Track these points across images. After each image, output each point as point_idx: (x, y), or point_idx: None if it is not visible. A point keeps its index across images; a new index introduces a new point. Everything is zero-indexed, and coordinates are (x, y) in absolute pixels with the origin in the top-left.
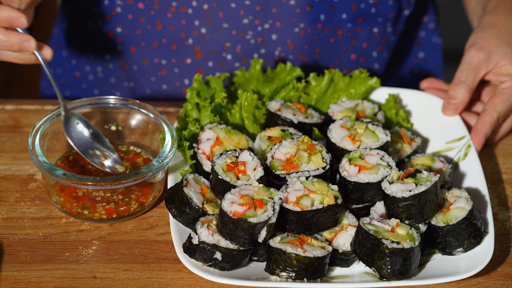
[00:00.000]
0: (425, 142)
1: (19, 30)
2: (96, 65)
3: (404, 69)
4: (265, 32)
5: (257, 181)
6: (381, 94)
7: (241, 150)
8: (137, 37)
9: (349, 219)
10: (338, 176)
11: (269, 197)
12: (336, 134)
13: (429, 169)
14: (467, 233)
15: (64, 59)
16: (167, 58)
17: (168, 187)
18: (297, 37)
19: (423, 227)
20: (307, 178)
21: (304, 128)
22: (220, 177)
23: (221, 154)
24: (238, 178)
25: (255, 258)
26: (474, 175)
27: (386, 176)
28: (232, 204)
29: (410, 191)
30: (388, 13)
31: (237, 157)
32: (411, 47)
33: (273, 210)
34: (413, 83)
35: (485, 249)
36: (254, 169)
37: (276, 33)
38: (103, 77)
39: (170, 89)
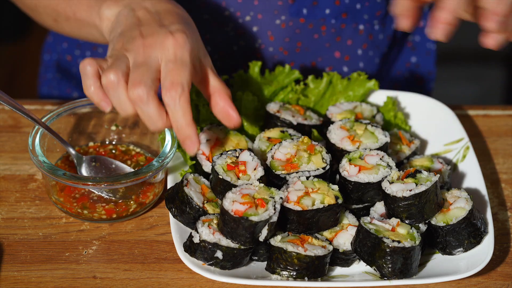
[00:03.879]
0: (423, 144)
1: None
2: (85, 50)
3: (395, 73)
4: (246, 24)
5: (257, 180)
6: (379, 96)
7: (241, 150)
8: None
9: (349, 219)
10: (338, 176)
11: (270, 197)
12: (336, 135)
13: (428, 170)
14: (467, 233)
15: (55, 43)
16: None
17: (168, 187)
18: (278, 29)
19: (423, 227)
20: (307, 178)
21: (303, 130)
22: (220, 176)
23: (221, 154)
24: (238, 178)
25: (256, 257)
26: (473, 176)
27: (386, 176)
28: (233, 203)
29: (410, 190)
30: (376, 11)
31: (237, 157)
32: (404, 51)
33: (274, 209)
34: (403, 88)
35: (485, 249)
36: (255, 169)
37: (257, 25)
38: None
39: None
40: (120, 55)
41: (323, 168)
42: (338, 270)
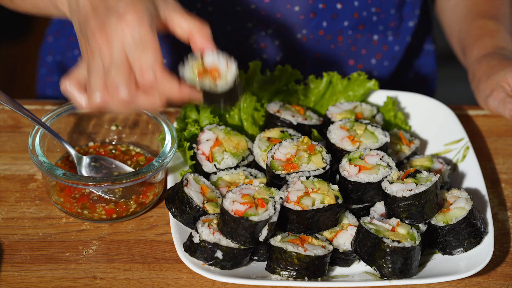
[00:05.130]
0: (423, 144)
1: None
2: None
3: (401, 76)
4: (268, 37)
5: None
6: (380, 96)
7: (203, 51)
8: None
9: (349, 219)
10: (338, 176)
11: (270, 197)
12: (336, 135)
13: (428, 170)
14: (467, 232)
15: (66, 47)
16: (167, 56)
17: (168, 187)
18: (299, 42)
19: (423, 227)
20: (307, 178)
21: (303, 130)
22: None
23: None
24: (215, 81)
25: (256, 257)
26: (473, 176)
27: (386, 176)
28: (233, 203)
29: (410, 190)
30: (390, 22)
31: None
32: (405, 54)
33: (274, 209)
34: (407, 88)
35: (485, 249)
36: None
37: (278, 39)
38: None
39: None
40: (91, 64)
41: (323, 168)
42: (338, 270)
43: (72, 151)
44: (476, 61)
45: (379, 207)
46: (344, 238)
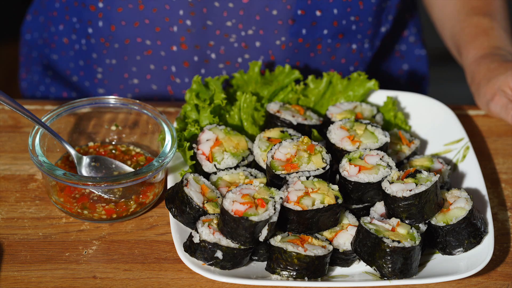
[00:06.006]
0: (423, 144)
1: None
2: (80, 37)
3: (389, 80)
4: (248, 38)
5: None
6: (380, 96)
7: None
8: (118, 15)
9: (349, 219)
10: (338, 176)
11: (270, 197)
12: (336, 135)
13: (428, 170)
14: (467, 232)
15: (48, 22)
16: (151, 39)
17: (168, 187)
18: (279, 50)
19: (423, 227)
20: (307, 178)
21: (303, 130)
22: None
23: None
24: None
25: (256, 257)
26: (473, 176)
27: (386, 176)
28: (233, 203)
29: (410, 190)
30: (367, 30)
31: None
32: (393, 60)
33: (274, 209)
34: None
35: (485, 249)
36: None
37: (259, 41)
38: (87, 50)
39: (157, 70)
40: None
41: (323, 168)
42: (338, 270)
43: (72, 151)
44: (475, 63)
45: (379, 207)
46: (344, 238)
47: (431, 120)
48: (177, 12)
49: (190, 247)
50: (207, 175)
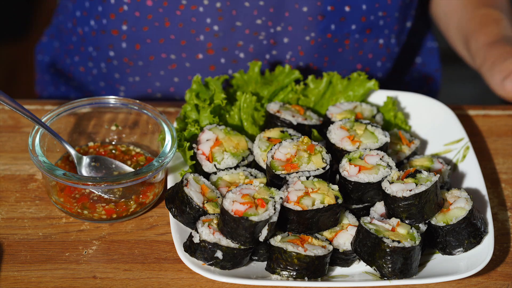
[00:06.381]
0: (423, 144)
1: None
2: (99, 62)
3: (403, 74)
4: (277, 34)
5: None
6: (380, 96)
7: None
8: (143, 34)
9: (349, 219)
10: (338, 176)
11: (270, 197)
12: (336, 135)
13: (428, 170)
14: (467, 232)
15: (64, 54)
16: (176, 53)
17: (168, 187)
18: (308, 45)
19: (423, 227)
20: (307, 178)
21: (303, 130)
22: None
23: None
24: None
25: (256, 257)
26: (473, 176)
27: (386, 176)
28: (233, 203)
29: (410, 190)
30: (394, 25)
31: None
32: (409, 54)
33: (274, 209)
34: (413, 87)
35: (485, 249)
36: None
37: (287, 37)
38: (107, 72)
39: (182, 82)
40: None
41: (323, 168)
42: (338, 270)
43: (72, 151)
44: (487, 46)
45: (379, 207)
46: (344, 238)
47: (431, 120)
48: (204, 21)
49: (190, 247)
50: (207, 175)
